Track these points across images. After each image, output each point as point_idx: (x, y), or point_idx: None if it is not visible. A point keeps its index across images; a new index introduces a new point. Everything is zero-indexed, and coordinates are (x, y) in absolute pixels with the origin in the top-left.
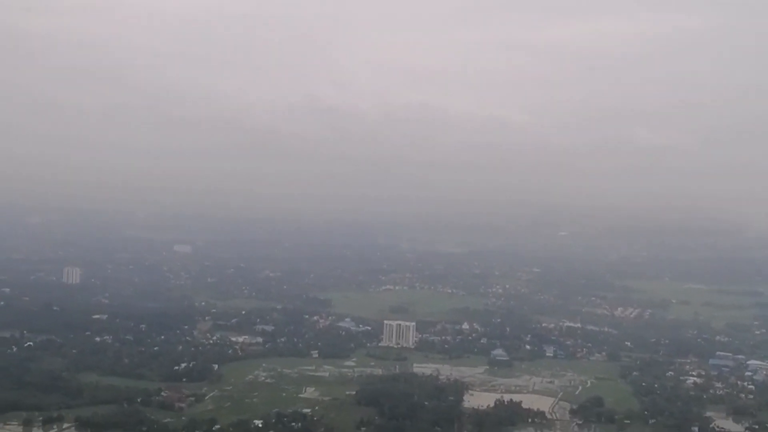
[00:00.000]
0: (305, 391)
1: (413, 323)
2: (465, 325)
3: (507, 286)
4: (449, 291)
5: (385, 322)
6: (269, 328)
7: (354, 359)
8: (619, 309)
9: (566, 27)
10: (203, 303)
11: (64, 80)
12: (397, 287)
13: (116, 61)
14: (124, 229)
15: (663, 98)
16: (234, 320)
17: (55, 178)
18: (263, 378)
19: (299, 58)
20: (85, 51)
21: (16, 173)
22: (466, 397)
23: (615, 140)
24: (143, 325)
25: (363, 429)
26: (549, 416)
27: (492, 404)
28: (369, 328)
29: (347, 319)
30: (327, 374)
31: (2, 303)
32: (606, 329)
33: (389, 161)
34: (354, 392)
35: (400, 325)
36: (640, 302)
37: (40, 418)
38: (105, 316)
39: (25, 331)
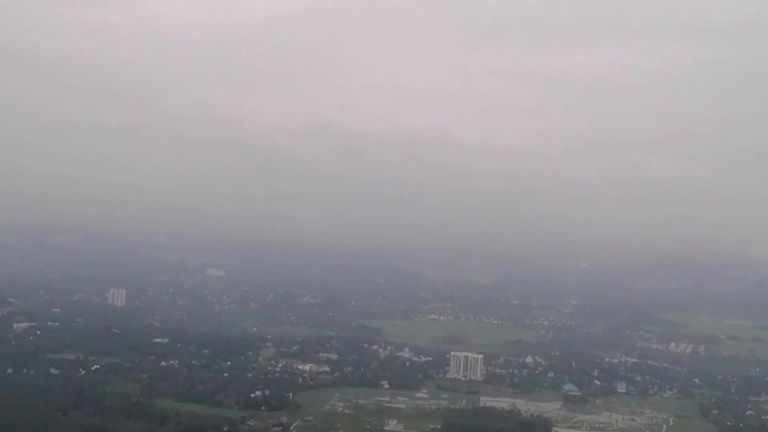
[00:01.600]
0: (388, 424)
1: (481, 356)
2: (528, 359)
3: (551, 318)
4: (495, 322)
5: (452, 353)
6: (333, 356)
7: (425, 391)
8: (672, 344)
9: (567, 57)
10: (254, 329)
11: (82, 100)
12: (441, 317)
13: (131, 82)
14: (150, 251)
15: (668, 128)
16: (295, 347)
17: (74, 197)
18: (340, 408)
19: (310, 81)
20: (101, 72)
21: (37, 192)
22: None
23: (623, 170)
24: (206, 351)
25: None
26: None
27: None
28: (430, 358)
29: (406, 349)
30: (404, 406)
31: (58, 324)
32: (666, 365)
33: (401, 186)
34: (438, 426)
35: (467, 357)
36: (689, 337)
37: None
38: (166, 340)
39: (86, 354)
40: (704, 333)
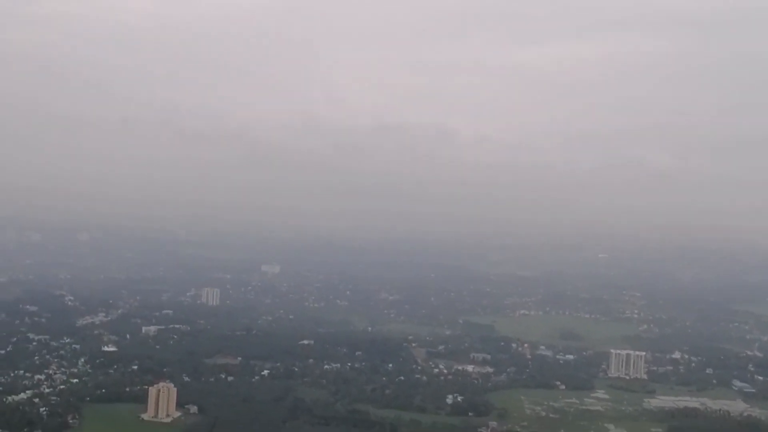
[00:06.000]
0: (609, 429)
1: (643, 353)
2: (676, 354)
3: (636, 311)
4: (587, 316)
5: (613, 351)
6: (487, 356)
7: (602, 391)
8: None
9: (538, 50)
10: (369, 328)
11: (77, 95)
12: (531, 312)
13: (129, 77)
14: (177, 248)
15: (659, 119)
16: (441, 347)
17: (80, 193)
18: (543, 412)
19: (298, 75)
20: (77, 66)
21: (42, 189)
22: None
23: (620, 161)
24: (359, 352)
25: None
26: None
27: None
28: (572, 356)
29: (542, 347)
30: (601, 408)
31: (188, 328)
32: None
33: (399, 180)
34: (660, 430)
35: (629, 354)
36: None
37: None
38: (312, 342)
39: (244, 358)
40: None
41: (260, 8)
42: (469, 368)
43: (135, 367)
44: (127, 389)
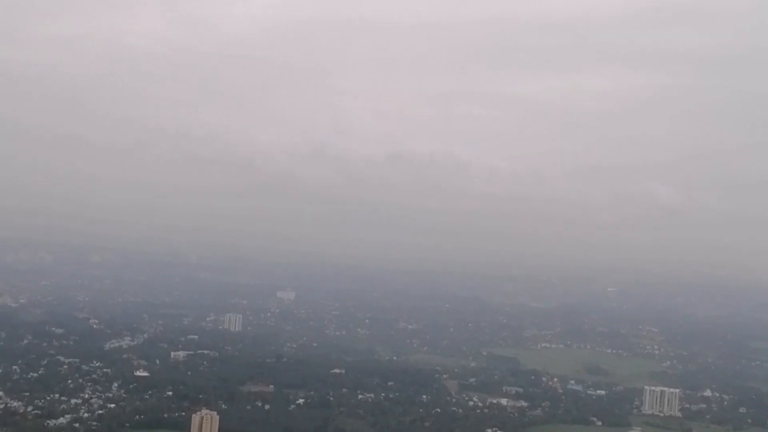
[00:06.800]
0: None
1: (677, 390)
2: (707, 392)
3: (656, 347)
4: (609, 351)
5: (646, 387)
6: (519, 389)
7: (638, 428)
8: None
9: (550, 82)
10: (395, 357)
11: (86, 118)
12: (552, 345)
13: (139, 102)
14: (190, 272)
15: (663, 154)
16: (472, 380)
17: (90, 215)
18: None
19: (308, 104)
20: (107, 92)
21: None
22: None
23: (626, 195)
24: (390, 383)
25: None
26: None
27: None
28: (603, 391)
29: (572, 382)
30: None
31: (217, 354)
32: None
33: (401, 208)
34: None
35: (663, 391)
36: None
37: None
38: (343, 371)
39: (277, 386)
40: None
41: (270, 37)
42: (503, 401)
43: (170, 393)
44: (165, 415)
